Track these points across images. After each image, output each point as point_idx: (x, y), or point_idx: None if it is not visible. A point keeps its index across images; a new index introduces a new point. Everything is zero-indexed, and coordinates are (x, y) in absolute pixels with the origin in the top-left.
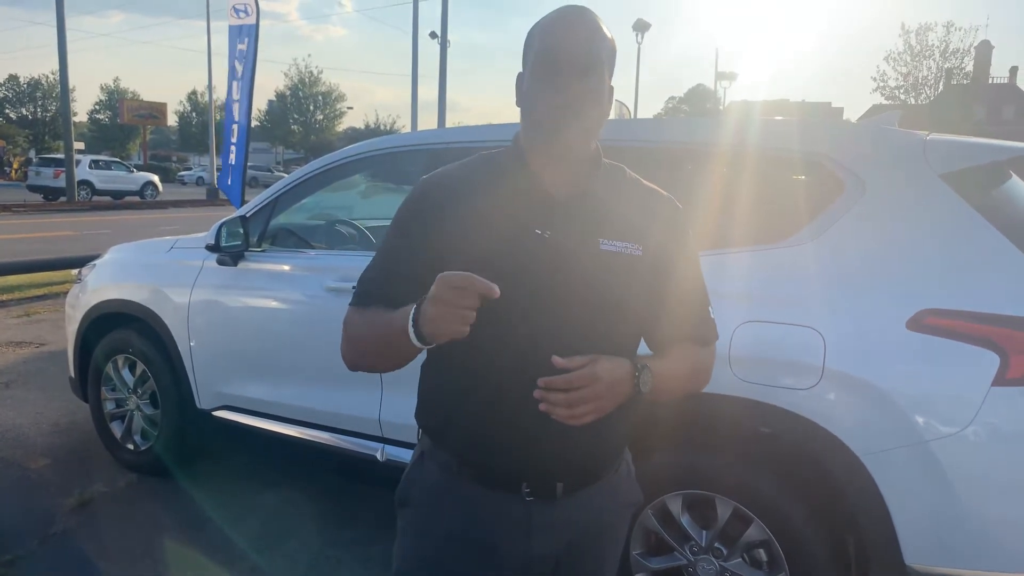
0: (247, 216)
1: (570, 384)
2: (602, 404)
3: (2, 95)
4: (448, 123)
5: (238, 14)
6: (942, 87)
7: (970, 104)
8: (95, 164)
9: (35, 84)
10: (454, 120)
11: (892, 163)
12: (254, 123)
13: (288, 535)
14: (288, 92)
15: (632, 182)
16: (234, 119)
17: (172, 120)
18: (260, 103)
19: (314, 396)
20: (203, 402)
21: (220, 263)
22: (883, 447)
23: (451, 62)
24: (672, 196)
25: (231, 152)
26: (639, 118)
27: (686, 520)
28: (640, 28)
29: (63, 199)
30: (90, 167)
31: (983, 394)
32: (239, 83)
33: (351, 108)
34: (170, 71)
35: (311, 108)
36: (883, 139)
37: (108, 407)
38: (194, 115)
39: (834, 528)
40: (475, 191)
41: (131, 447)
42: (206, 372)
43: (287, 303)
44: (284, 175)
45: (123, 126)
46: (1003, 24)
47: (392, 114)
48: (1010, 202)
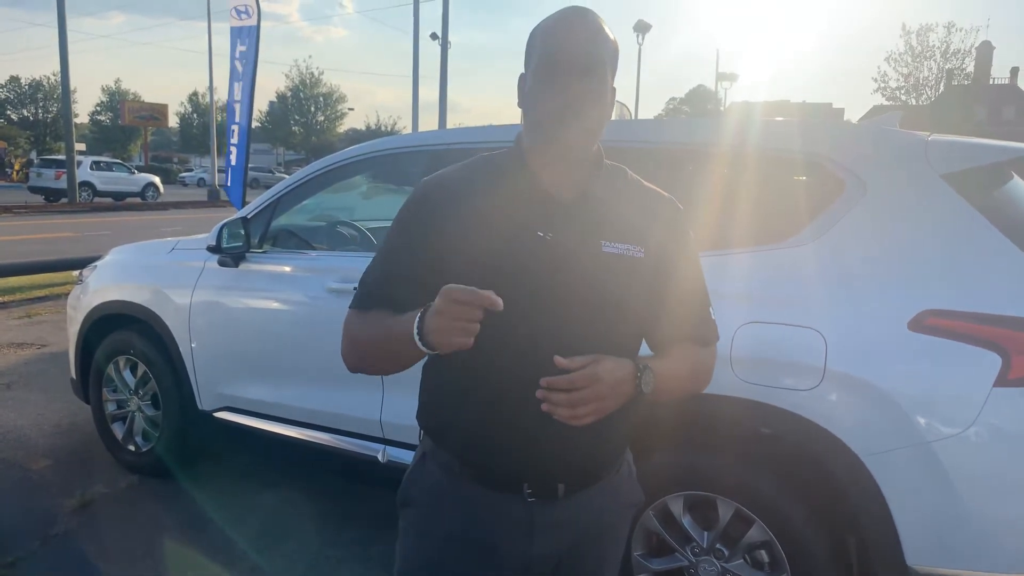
0: (248, 217)
1: (572, 384)
2: (604, 404)
3: (3, 96)
4: (449, 124)
5: (239, 15)
6: (943, 88)
7: (971, 105)
8: (96, 165)
9: (36, 85)
10: (455, 121)
11: (893, 164)
12: (255, 124)
13: (288, 535)
14: (289, 93)
15: (633, 183)
16: (235, 120)
17: (173, 121)
18: (261, 104)
19: (315, 397)
20: (204, 403)
21: (221, 264)
22: (885, 448)
23: (452, 63)
24: (673, 197)
25: (232, 153)
26: (640, 119)
27: (687, 521)
28: (641, 29)
29: (64, 200)
30: (91, 168)
31: (985, 395)
32: (240, 84)
33: (352, 109)
34: (171, 72)
35: (312, 109)
36: (884, 140)
37: (109, 408)
38: (195, 116)
39: (835, 529)
40: (476, 192)
41: (132, 448)
42: (207, 373)
43: (288, 304)
44: (285, 176)
45: (124, 127)
46: (1004, 25)
47: (393, 115)
48: (1011, 203)
